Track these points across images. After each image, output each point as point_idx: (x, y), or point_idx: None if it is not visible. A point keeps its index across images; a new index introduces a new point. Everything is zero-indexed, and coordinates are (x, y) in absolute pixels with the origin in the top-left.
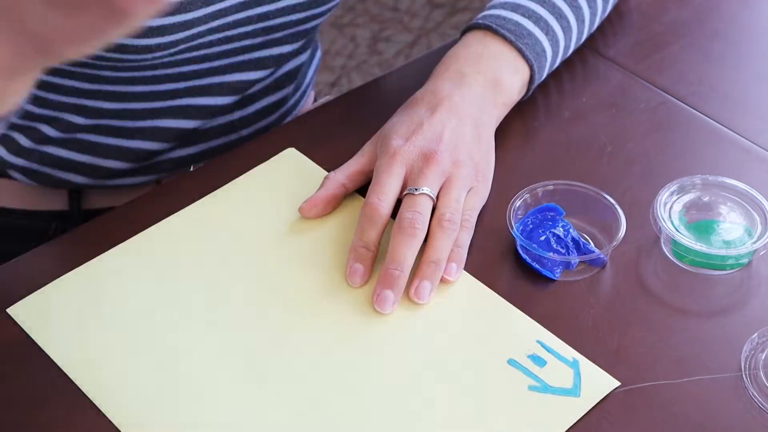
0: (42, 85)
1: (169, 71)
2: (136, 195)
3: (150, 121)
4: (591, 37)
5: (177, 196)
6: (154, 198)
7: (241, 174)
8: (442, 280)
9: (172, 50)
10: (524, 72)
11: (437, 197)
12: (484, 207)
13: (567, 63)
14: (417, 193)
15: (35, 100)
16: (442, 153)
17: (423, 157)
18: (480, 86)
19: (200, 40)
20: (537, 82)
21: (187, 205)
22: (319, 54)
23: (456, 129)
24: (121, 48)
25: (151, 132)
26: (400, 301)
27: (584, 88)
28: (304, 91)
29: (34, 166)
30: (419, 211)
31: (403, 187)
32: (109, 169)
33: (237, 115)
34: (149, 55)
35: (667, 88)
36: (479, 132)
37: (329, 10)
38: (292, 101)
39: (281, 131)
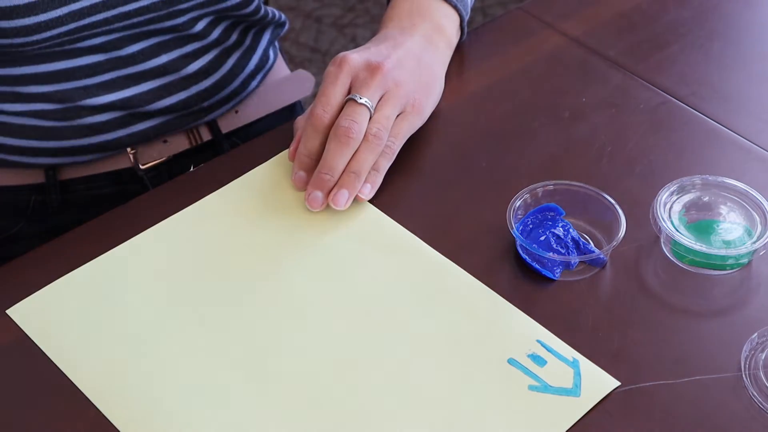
0: None
1: (80, 45)
2: (111, 158)
3: (91, 100)
4: (591, 37)
5: (176, 198)
6: (153, 199)
7: (239, 176)
8: (356, 198)
9: (64, 28)
10: (455, 17)
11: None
12: (484, 206)
13: (567, 63)
14: (359, 101)
15: None
16: (386, 66)
17: (368, 68)
18: (424, 31)
19: (94, 18)
20: (466, 22)
21: (187, 206)
22: (279, 21)
23: (401, 57)
24: (1, 32)
25: (94, 109)
26: (400, 301)
27: (584, 88)
28: (264, 52)
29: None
30: (356, 120)
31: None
32: (68, 149)
33: (192, 68)
34: (37, 36)
35: (667, 88)
36: (421, 67)
37: None
38: (254, 61)
39: (280, 133)
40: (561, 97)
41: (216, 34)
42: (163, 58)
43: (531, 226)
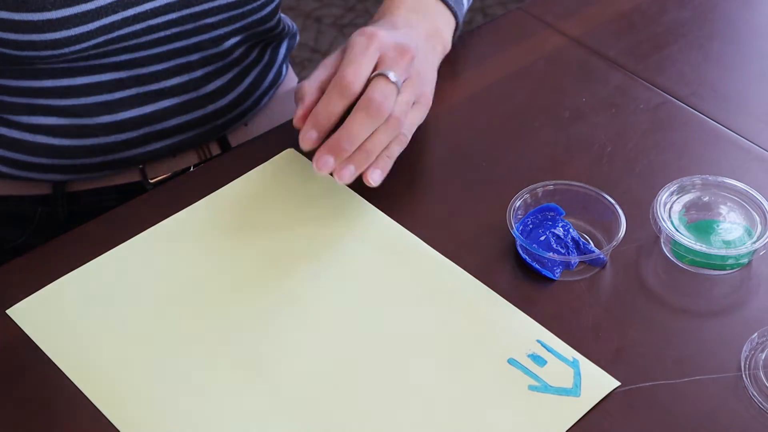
0: None
1: (105, 61)
2: (120, 173)
3: (108, 117)
4: (591, 37)
5: (177, 198)
6: (154, 199)
7: (240, 175)
8: (363, 177)
9: (92, 42)
10: (452, 22)
11: None
12: (484, 206)
13: (567, 63)
14: (392, 79)
15: None
16: (414, 52)
17: (398, 49)
18: (425, 30)
19: (121, 31)
20: (460, 30)
21: (187, 206)
22: (287, 43)
23: (420, 47)
24: (31, 45)
25: (114, 126)
26: (400, 301)
27: (584, 88)
28: (279, 67)
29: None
30: (387, 97)
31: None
32: (80, 166)
33: (207, 89)
34: (66, 49)
35: (667, 88)
36: (426, 66)
37: None
38: (270, 77)
39: (281, 131)
40: (561, 97)
41: (238, 52)
42: (185, 77)
43: (531, 226)
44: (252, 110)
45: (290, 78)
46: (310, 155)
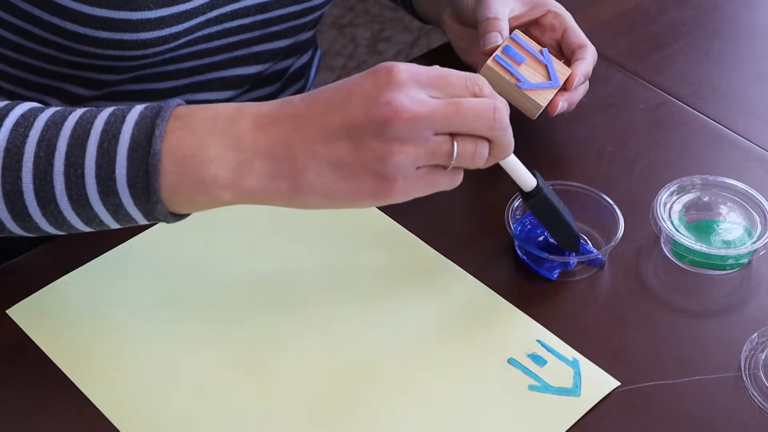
0: (46, 90)
1: (169, 68)
2: None
3: None
4: (591, 37)
5: None
6: None
7: None
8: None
9: (172, 44)
10: None
11: None
12: (483, 206)
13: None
14: None
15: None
16: None
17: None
18: None
19: (198, 33)
20: None
21: None
22: (319, 54)
23: None
24: (119, 44)
25: None
26: (400, 301)
27: None
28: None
29: None
30: None
31: None
32: None
33: None
34: (149, 50)
35: (667, 88)
36: None
37: (326, 2)
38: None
39: None
40: None
41: (283, 63)
42: (228, 93)
43: (529, 226)
44: None
45: None
46: None
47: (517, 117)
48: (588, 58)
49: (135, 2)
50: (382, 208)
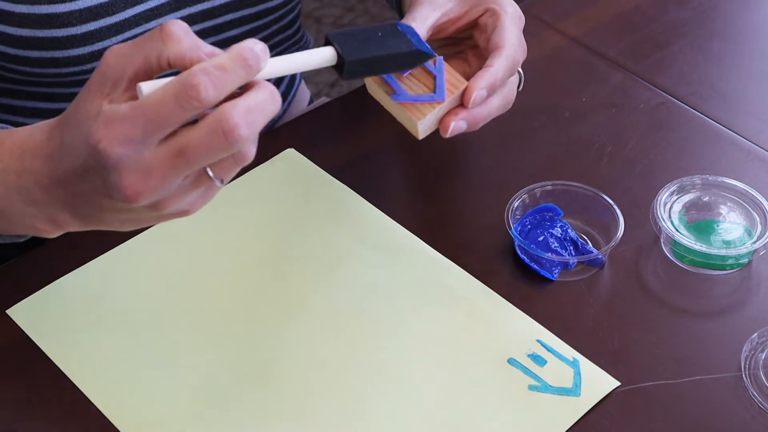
0: (13, 109)
1: None
2: None
3: None
4: (591, 37)
5: None
6: None
7: (241, 174)
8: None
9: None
10: None
11: None
12: (483, 206)
13: (567, 63)
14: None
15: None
16: None
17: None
18: None
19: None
20: None
21: None
22: (310, 45)
23: None
24: (52, 62)
25: None
26: (400, 301)
27: (584, 88)
28: (296, 84)
29: None
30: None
31: None
32: None
33: None
34: (87, 66)
35: (667, 88)
36: None
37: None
38: (281, 88)
39: (281, 131)
40: (561, 97)
41: None
42: None
43: (529, 226)
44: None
45: (302, 91)
46: (310, 155)
47: (517, 117)
48: (496, 65)
49: (58, 20)
50: (383, 209)
